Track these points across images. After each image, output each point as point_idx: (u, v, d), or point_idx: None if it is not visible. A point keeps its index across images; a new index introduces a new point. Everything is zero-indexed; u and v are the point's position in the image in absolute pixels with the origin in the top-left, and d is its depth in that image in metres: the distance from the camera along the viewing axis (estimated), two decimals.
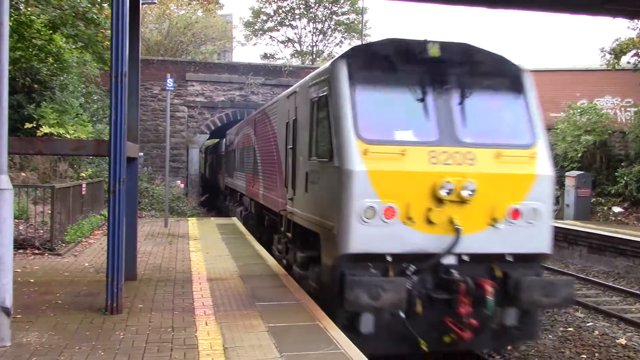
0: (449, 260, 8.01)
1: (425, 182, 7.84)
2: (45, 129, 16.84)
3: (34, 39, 17.38)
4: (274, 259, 12.19)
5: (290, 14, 54.22)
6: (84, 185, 16.17)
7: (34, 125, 16.99)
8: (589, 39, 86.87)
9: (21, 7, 17.07)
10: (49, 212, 12.67)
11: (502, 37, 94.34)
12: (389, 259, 7.86)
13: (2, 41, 6.35)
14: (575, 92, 24.60)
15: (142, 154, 25.59)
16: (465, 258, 8.02)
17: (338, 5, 53.45)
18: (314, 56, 54.21)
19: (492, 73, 8.71)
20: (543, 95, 25.69)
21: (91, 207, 17.40)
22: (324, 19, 54.36)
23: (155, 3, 22.09)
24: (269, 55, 56.47)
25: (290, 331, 7.11)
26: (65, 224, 13.73)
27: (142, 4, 13.07)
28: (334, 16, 54.12)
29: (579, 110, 22.78)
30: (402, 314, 7.74)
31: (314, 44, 55.11)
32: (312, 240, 9.29)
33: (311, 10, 53.74)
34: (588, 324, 11.59)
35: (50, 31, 17.62)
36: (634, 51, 22.30)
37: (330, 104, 8.39)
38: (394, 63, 8.38)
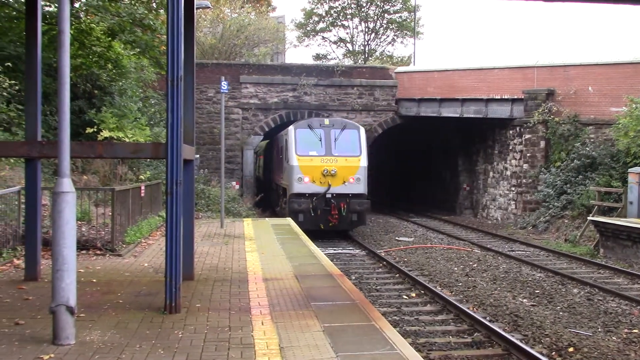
0: (328, 195, 21.95)
1: (319, 169, 22.07)
2: (105, 133, 17.30)
3: (94, 46, 17.90)
4: (326, 258, 12.22)
5: (342, 14, 54.20)
6: (142, 188, 16.53)
7: (95, 129, 17.48)
8: None
9: (81, 16, 17.59)
10: (110, 214, 13.00)
11: (556, 30, 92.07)
12: (306, 195, 21.97)
13: (64, 49, 6.56)
14: (637, 85, 23.75)
15: (198, 156, 26.01)
16: (335, 194, 21.95)
17: (390, 4, 53.13)
18: (366, 55, 54.04)
19: (347, 128, 23.04)
20: (602, 89, 25.06)
21: (150, 208, 17.79)
22: (375, 17, 54.13)
23: (209, 7, 22.43)
24: (321, 55, 56.63)
25: (346, 331, 7.10)
26: (125, 225, 14.07)
27: (197, 8, 13.28)
28: (385, 15, 53.82)
29: None
30: (312, 214, 21.86)
31: (366, 43, 54.96)
32: (285, 193, 23.44)
33: (363, 9, 53.59)
34: None
35: (109, 38, 18.11)
36: None
37: (288, 141, 23.02)
38: (312, 127, 22.87)
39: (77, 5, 17.84)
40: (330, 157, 22.37)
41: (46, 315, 6.94)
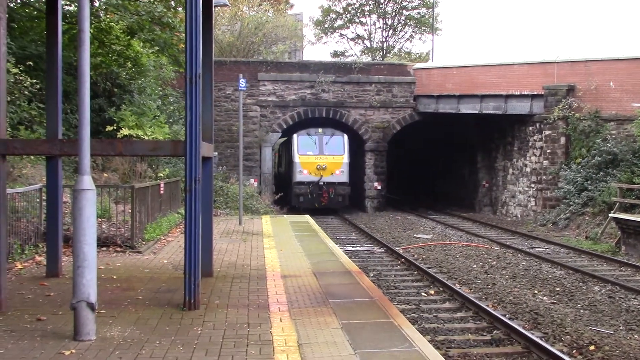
0: (321, 183, 30.99)
1: (314, 164, 31.14)
2: (125, 131, 17.41)
3: (114, 45, 18.03)
4: (344, 255, 12.19)
5: (359, 11, 54.10)
6: (162, 185, 16.64)
7: (115, 127, 17.60)
8: None
9: (101, 15, 17.75)
10: (130, 211, 13.10)
11: (577, 25, 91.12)
12: (305, 182, 31.02)
13: (84, 47, 6.62)
14: None
15: (216, 153, 26.09)
16: (325, 182, 31.02)
17: (408, 0, 52.90)
18: (384, 52, 53.87)
19: (335, 135, 31.91)
20: (623, 84, 24.73)
21: (169, 205, 17.90)
22: (393, 14, 53.97)
23: (227, 5, 22.47)
24: (339, 52, 56.63)
25: (364, 328, 7.10)
26: (145, 222, 14.16)
27: (215, 6, 13.33)
28: (403, 11, 53.65)
29: None
30: (309, 196, 30.97)
31: (384, 39, 54.81)
32: (291, 182, 32.34)
33: (380, 6, 53.43)
34: None
35: (129, 37, 18.23)
36: None
37: (292, 144, 32.21)
38: (309, 134, 31.88)
39: (96, 4, 17.99)
40: (322, 156, 31.36)
41: (67, 311, 7.02)
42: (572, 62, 26.54)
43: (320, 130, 31.78)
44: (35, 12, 17.43)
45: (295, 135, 31.92)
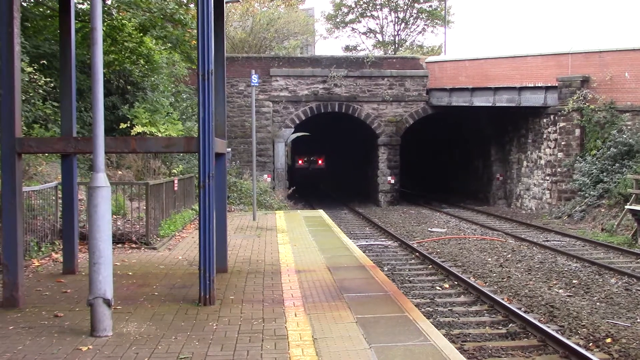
0: (310, 169, 66.15)
1: (306, 157, 66.90)
2: (139, 128, 17.50)
3: (126, 42, 18.10)
4: (358, 250, 12.21)
5: (371, 5, 53.91)
6: (176, 181, 16.71)
7: (128, 125, 17.70)
8: None
9: (113, 13, 17.81)
10: (144, 207, 13.18)
11: (591, 16, 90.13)
12: (301, 169, 63.37)
13: (97, 45, 6.66)
14: None
15: (229, 149, 26.17)
16: (312, 169, 65.92)
17: None
18: (397, 46, 53.66)
19: (319, 156, 66.71)
20: (638, 75, 24.42)
21: (183, 202, 17.98)
22: (405, 7, 53.69)
23: (239, 1, 22.48)
24: (351, 47, 56.45)
25: (379, 322, 7.10)
26: (159, 218, 14.24)
27: (226, 2, 13.32)
28: (415, 4, 53.35)
29: None
30: (303, 178, 52.75)
31: (396, 33, 54.59)
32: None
33: None
34: None
35: (141, 34, 18.30)
36: None
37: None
38: (304, 142, 45.33)
39: (109, 2, 18.06)
40: (312, 158, 58.38)
41: (84, 307, 7.08)
42: (586, 53, 26.29)
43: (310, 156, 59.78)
44: (49, 11, 17.55)
45: (295, 156, 56.09)
